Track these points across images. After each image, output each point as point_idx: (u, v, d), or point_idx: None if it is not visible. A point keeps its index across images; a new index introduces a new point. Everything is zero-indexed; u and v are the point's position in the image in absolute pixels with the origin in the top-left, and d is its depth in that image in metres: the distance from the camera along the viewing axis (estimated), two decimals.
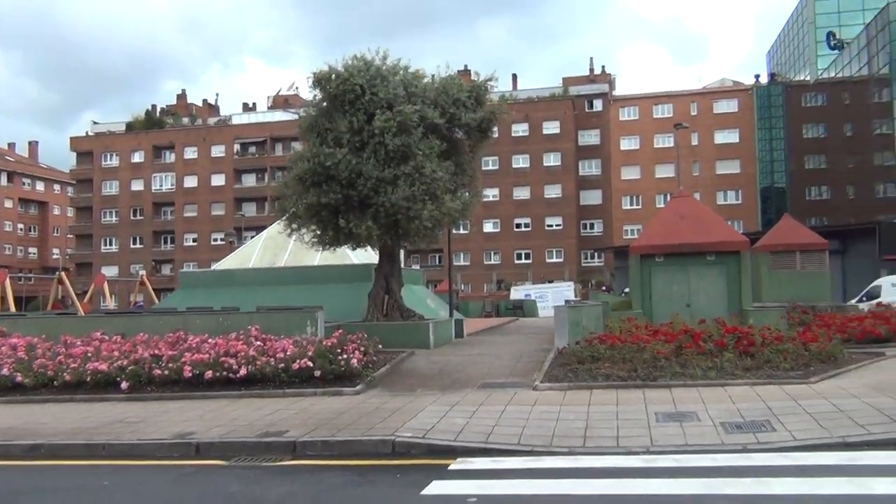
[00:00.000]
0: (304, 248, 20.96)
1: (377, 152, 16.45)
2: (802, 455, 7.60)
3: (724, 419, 9.12)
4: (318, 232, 18.05)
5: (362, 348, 13.93)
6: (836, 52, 67.89)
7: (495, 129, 19.40)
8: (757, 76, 77.54)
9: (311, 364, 12.79)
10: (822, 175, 67.40)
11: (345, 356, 13.05)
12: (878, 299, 28.37)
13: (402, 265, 22.31)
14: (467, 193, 19.27)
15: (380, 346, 15.35)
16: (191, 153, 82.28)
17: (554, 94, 76.08)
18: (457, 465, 8.02)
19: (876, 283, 33.99)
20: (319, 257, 24.77)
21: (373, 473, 7.96)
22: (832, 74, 66.06)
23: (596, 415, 9.77)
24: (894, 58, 48.10)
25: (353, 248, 20.04)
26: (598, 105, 75.91)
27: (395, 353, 15.92)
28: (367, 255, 24.17)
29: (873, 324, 16.75)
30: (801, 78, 76.33)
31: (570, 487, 6.88)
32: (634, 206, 73.23)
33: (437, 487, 7.12)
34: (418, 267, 54.37)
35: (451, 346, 18.73)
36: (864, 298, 30.59)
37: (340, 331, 14.57)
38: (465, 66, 53.29)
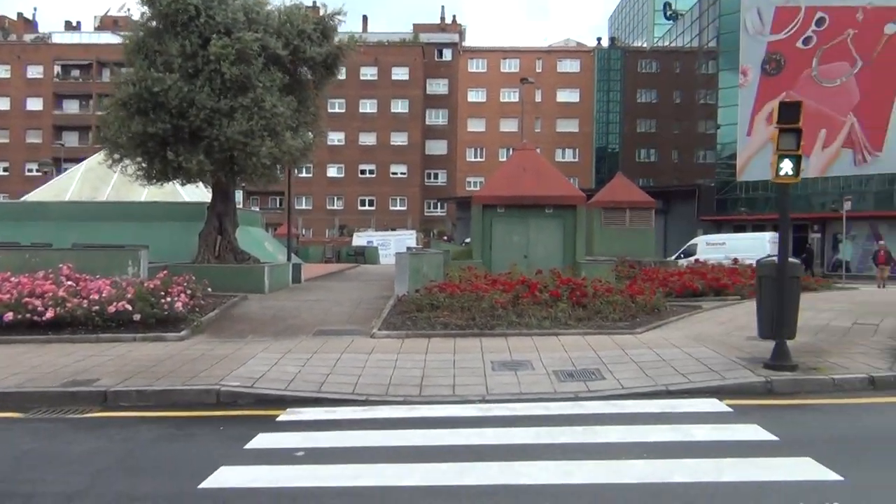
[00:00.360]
0: (130, 182, 19.24)
1: (212, 81, 15.17)
2: (630, 403, 7.81)
3: (557, 368, 9.25)
4: (144, 165, 16.54)
5: (189, 291, 12.99)
6: (671, 22, 71.65)
7: (342, 66, 18.52)
8: (599, 39, 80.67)
9: (129, 307, 11.75)
10: (652, 138, 71.61)
11: (169, 299, 12.10)
12: (695, 256, 30.67)
13: (241, 206, 21.15)
14: (310, 134, 18.35)
15: (209, 290, 14.41)
16: (2, 72, 73.73)
17: (404, 40, 75.05)
18: (286, 415, 7.57)
19: (692, 241, 36.76)
20: (146, 193, 22.98)
21: (193, 426, 7.34)
22: (667, 43, 69.75)
23: (433, 363, 9.62)
24: (722, 32, 51.29)
25: (183, 184, 18.63)
26: (447, 55, 75.78)
27: (226, 297, 15.04)
28: (200, 193, 22.69)
29: (691, 279, 17.85)
30: (639, 44, 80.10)
31: (403, 438, 6.63)
32: (478, 159, 74.33)
33: (262, 440, 6.64)
34: (257, 209, 52.43)
35: (288, 291, 18.03)
36: (682, 255, 32.98)
37: (165, 272, 13.51)
38: (314, 0, 51.03)
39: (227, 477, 5.64)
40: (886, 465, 5.76)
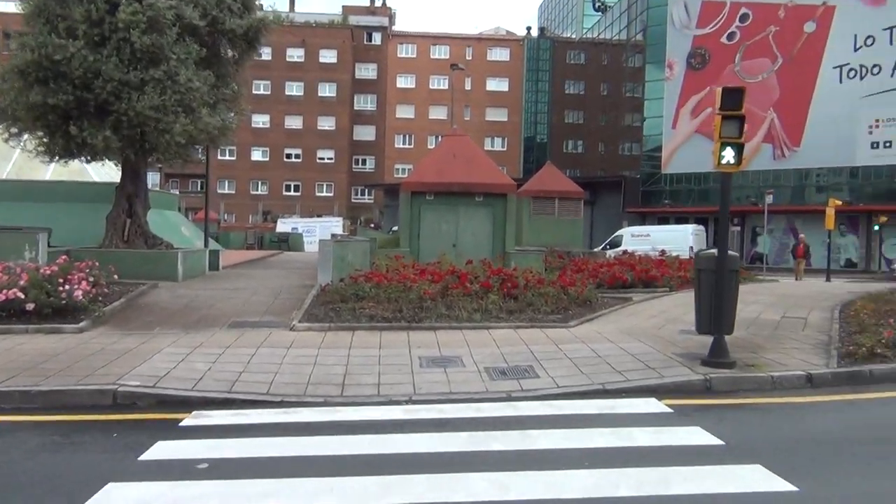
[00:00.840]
0: (32, 160, 17.79)
1: (121, 50, 13.97)
2: (566, 403, 7.35)
3: (488, 364, 8.74)
4: (45, 139, 15.21)
5: (92, 278, 11.90)
6: (600, 14, 72.30)
7: (265, 42, 17.51)
8: (528, 28, 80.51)
9: (22, 295, 10.64)
10: (579, 130, 72.27)
11: (67, 287, 11.03)
12: (622, 247, 30.85)
13: (158, 189, 19.87)
14: (232, 114, 17.28)
15: (116, 277, 13.33)
16: None
17: (333, 22, 73.39)
18: (191, 419, 6.81)
19: (618, 233, 37.12)
20: (52, 171, 21.44)
21: (82, 432, 6.48)
22: (595, 35, 70.38)
23: (357, 359, 8.97)
24: (650, 24, 51.90)
25: (89, 161, 17.28)
26: (377, 38, 74.53)
27: (134, 285, 13.96)
28: (111, 173, 21.29)
29: (621, 270, 17.67)
30: (568, 35, 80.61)
31: (322, 446, 5.98)
32: (407, 146, 73.53)
33: (161, 450, 5.88)
34: (177, 192, 50.34)
35: (204, 279, 17.00)
36: (608, 246, 33.18)
37: (65, 257, 12.38)
38: None
39: (113, 497, 4.87)
40: (838, 473, 5.43)
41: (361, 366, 8.66)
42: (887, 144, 39.54)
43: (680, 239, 32.27)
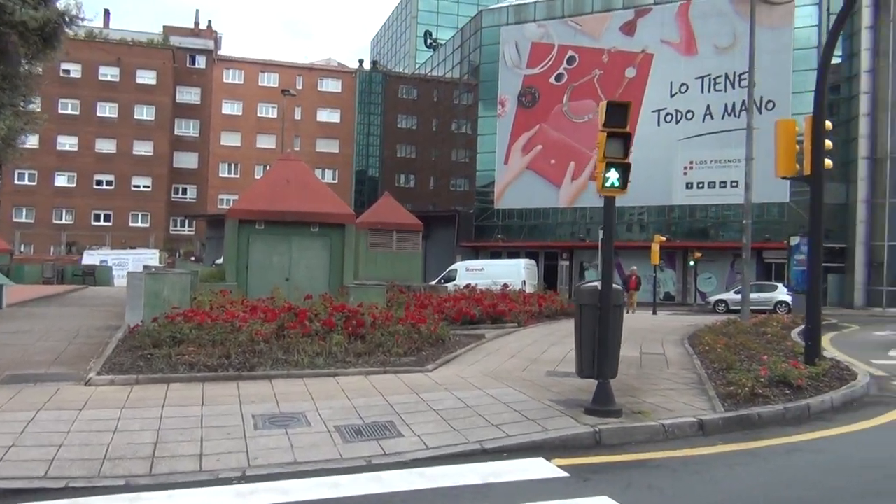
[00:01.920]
0: None
1: None
2: (440, 471, 5.99)
3: (339, 421, 7.24)
4: None
5: None
6: (432, 50, 73.15)
7: (64, 42, 14.99)
8: (361, 61, 79.84)
9: None
10: (411, 164, 72.18)
11: None
12: (455, 281, 30.40)
13: None
14: (23, 123, 14.60)
15: None
16: None
17: (152, 41, 68.68)
18: None
19: (453, 266, 36.79)
20: None
21: None
22: (428, 71, 70.95)
23: (173, 421, 7.13)
24: (482, 62, 52.73)
25: None
26: (201, 62, 70.59)
27: None
28: None
29: (468, 305, 16.82)
30: (401, 70, 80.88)
31: None
32: (232, 175, 69.90)
33: None
34: None
35: None
36: (443, 280, 32.65)
37: None
38: None
39: None
40: None
41: (178, 430, 6.85)
42: (700, 185, 42.33)
43: (513, 273, 32.42)
